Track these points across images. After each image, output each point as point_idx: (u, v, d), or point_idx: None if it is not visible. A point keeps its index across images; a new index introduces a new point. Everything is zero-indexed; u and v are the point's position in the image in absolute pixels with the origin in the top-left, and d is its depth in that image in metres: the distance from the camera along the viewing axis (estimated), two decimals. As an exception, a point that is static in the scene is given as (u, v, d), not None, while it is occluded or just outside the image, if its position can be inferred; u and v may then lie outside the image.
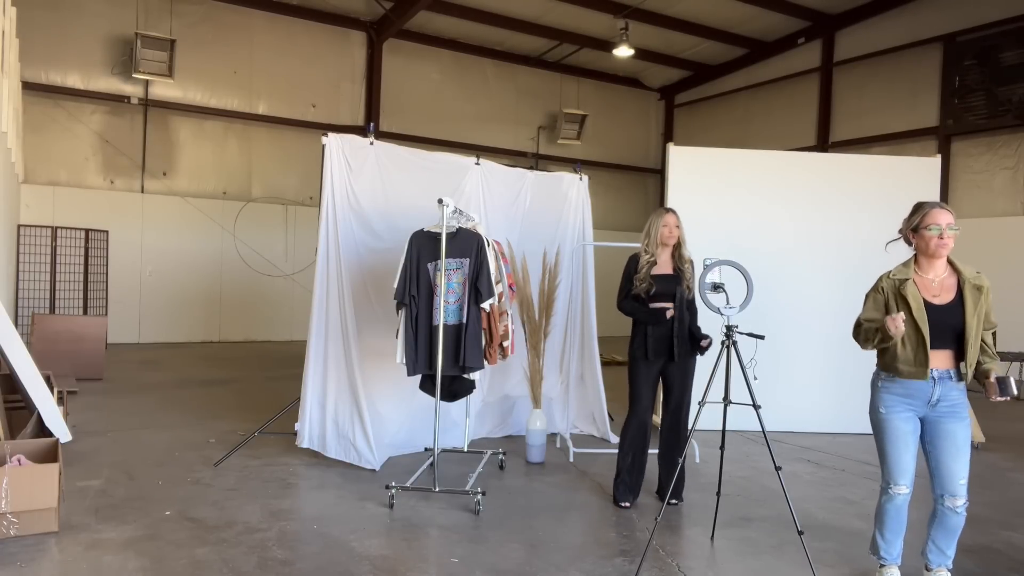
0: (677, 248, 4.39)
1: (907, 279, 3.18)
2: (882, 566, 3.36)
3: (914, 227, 3.25)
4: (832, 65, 13.53)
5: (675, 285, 4.30)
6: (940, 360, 3.12)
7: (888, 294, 3.23)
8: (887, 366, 3.22)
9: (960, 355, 3.12)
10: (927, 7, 12.07)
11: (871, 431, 3.30)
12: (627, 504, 4.36)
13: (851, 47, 13.22)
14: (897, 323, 3.03)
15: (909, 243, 3.32)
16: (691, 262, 4.41)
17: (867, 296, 3.37)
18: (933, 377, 3.10)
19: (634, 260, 4.41)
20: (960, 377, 3.13)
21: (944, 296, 3.14)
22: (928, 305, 3.12)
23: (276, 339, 12.66)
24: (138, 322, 11.64)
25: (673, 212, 4.41)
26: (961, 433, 3.12)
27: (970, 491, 3.25)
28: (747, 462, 5.46)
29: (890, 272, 3.29)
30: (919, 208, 3.27)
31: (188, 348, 11.36)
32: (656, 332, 4.29)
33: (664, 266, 4.37)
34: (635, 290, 4.32)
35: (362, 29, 13.55)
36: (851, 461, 5.69)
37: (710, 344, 4.25)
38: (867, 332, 3.27)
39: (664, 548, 3.74)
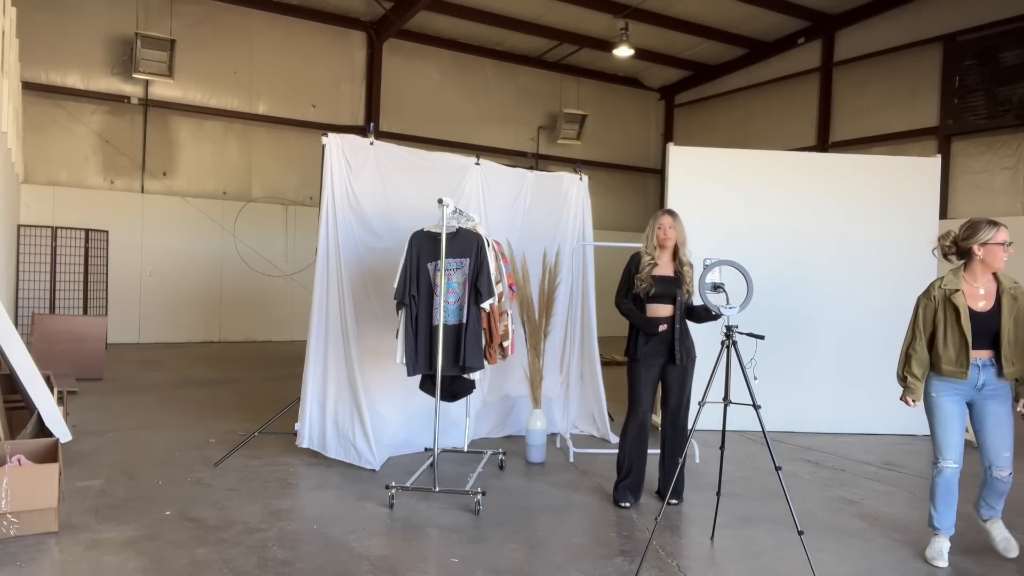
0: (678, 250, 4.39)
1: (957, 289, 3.60)
2: (934, 535, 3.72)
3: (983, 242, 3.55)
4: (832, 65, 13.53)
5: (675, 288, 4.31)
6: (981, 353, 3.56)
7: (938, 301, 3.65)
8: (932, 367, 3.68)
9: (997, 351, 3.56)
10: (927, 7, 12.07)
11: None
12: (627, 504, 4.37)
13: (851, 47, 13.23)
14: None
15: (956, 255, 3.68)
16: (691, 265, 4.40)
17: (918, 300, 3.76)
18: (976, 365, 3.56)
19: (636, 258, 4.42)
20: (1000, 371, 3.56)
21: (987, 303, 3.58)
22: (972, 313, 3.55)
23: (276, 339, 12.66)
24: (138, 322, 11.64)
25: (669, 213, 4.40)
26: (1003, 412, 3.58)
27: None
28: (747, 462, 5.46)
29: (941, 281, 3.68)
30: (987, 225, 3.57)
31: (188, 348, 11.36)
32: (656, 335, 4.30)
33: (665, 268, 4.37)
34: (636, 289, 4.32)
35: (362, 29, 13.55)
36: (851, 461, 5.69)
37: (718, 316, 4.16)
38: (906, 378, 3.75)
39: (664, 548, 3.74)
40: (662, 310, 4.33)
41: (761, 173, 6.85)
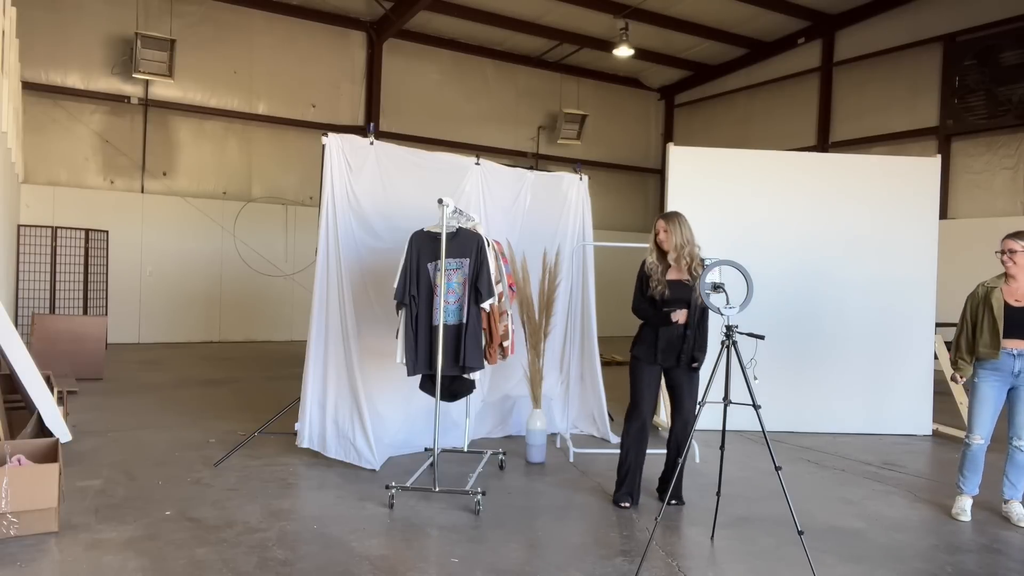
0: (683, 252, 4.29)
1: (996, 287, 4.34)
2: (959, 495, 4.42)
3: (996, 251, 4.41)
4: (832, 65, 13.53)
5: (689, 292, 4.25)
6: (1017, 343, 4.21)
7: (980, 298, 4.37)
8: (975, 352, 4.35)
9: None
10: (927, 7, 12.07)
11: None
12: (627, 504, 4.36)
13: (851, 47, 13.23)
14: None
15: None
16: (701, 263, 4.32)
17: (967, 298, 4.47)
18: (1013, 354, 4.22)
19: (645, 263, 4.41)
20: None
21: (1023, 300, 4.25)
22: (1008, 306, 4.25)
23: (276, 339, 12.66)
24: (138, 322, 11.64)
25: (664, 216, 4.35)
26: None
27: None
28: (747, 462, 5.45)
29: (985, 281, 4.42)
30: (1005, 237, 4.37)
31: (188, 348, 11.36)
32: (666, 337, 4.27)
33: (676, 272, 4.32)
34: (651, 292, 4.28)
35: (362, 29, 13.55)
36: (851, 461, 5.69)
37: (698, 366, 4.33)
38: (957, 361, 4.47)
39: (664, 548, 3.74)
40: (678, 315, 4.29)
41: (761, 173, 6.85)
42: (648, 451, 4.48)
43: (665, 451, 4.49)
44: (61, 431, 4.89)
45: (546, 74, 15.54)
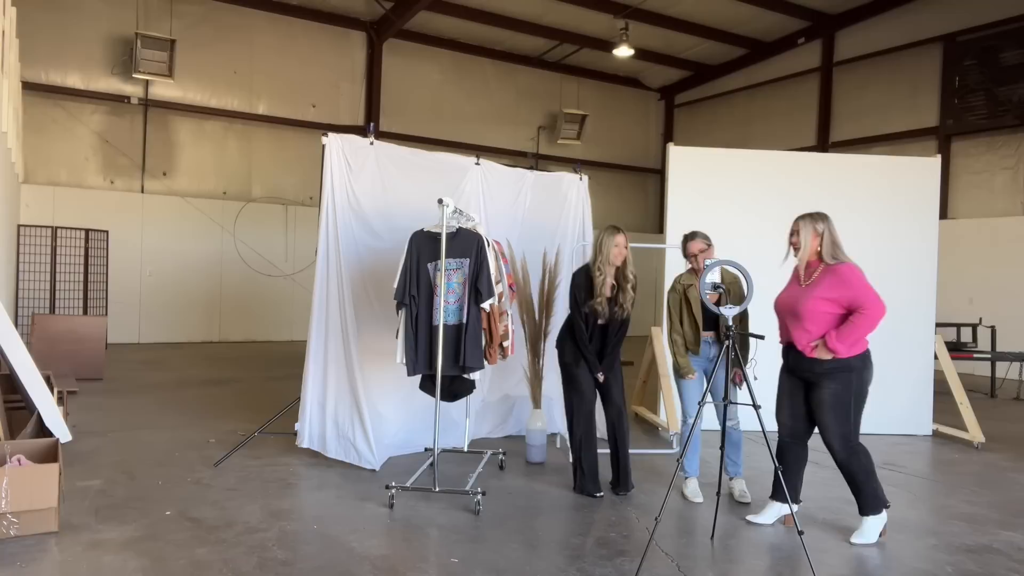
0: (623, 268, 4.49)
1: (692, 284, 4.54)
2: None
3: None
4: (832, 65, 13.54)
5: (613, 306, 4.45)
6: (711, 333, 4.54)
7: (679, 294, 4.60)
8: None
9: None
10: (927, 7, 12.07)
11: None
12: (602, 494, 4.47)
13: (851, 47, 13.23)
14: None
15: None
16: (635, 276, 4.52)
17: (668, 295, 4.78)
18: (708, 342, 4.49)
19: (584, 277, 4.49)
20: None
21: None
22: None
23: (276, 339, 12.66)
24: (138, 322, 11.64)
25: (623, 232, 4.51)
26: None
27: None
28: (747, 462, 5.43)
29: (680, 277, 4.68)
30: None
31: (188, 348, 11.36)
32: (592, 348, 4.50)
33: (608, 286, 4.49)
34: (596, 312, 4.42)
35: (362, 29, 13.56)
36: (851, 461, 5.67)
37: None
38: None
39: (664, 548, 3.74)
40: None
41: (761, 173, 6.85)
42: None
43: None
44: (61, 431, 4.89)
45: (546, 74, 15.55)
